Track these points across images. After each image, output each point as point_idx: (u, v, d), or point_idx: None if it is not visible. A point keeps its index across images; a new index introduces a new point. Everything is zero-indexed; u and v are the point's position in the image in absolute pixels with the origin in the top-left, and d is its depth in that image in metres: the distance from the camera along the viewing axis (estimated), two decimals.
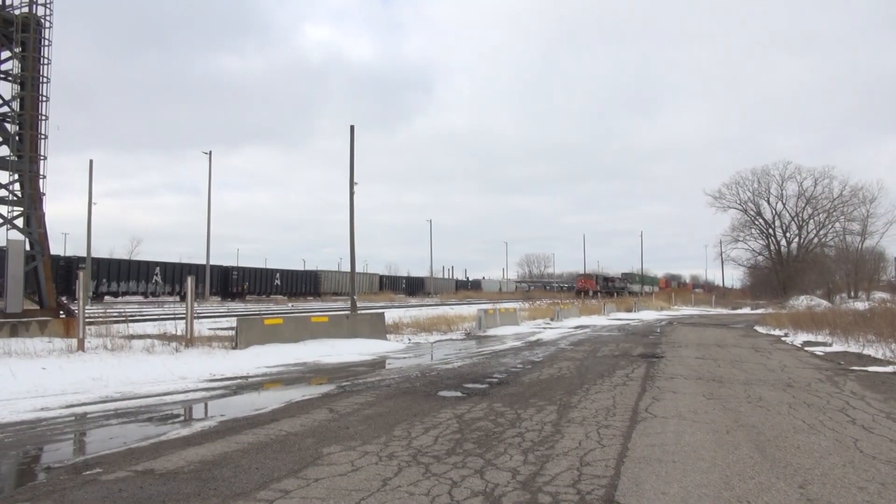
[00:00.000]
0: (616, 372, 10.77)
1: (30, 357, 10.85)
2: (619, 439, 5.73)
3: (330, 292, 65.43)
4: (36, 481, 4.65)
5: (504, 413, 6.95)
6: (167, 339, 13.75)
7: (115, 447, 5.44)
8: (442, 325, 21.81)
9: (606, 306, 38.99)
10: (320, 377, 10.31)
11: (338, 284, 67.90)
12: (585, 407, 7.38)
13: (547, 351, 14.84)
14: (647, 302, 53.20)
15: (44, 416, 6.87)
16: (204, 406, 7.83)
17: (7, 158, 14.12)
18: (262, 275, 58.50)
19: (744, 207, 66.89)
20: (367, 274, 75.86)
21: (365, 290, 68.09)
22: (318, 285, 65.02)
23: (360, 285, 67.30)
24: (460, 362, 12.35)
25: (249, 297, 54.14)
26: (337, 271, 72.00)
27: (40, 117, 14.50)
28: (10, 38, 14.00)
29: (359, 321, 17.11)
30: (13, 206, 14.28)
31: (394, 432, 5.96)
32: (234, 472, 4.65)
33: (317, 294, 63.72)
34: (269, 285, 58.55)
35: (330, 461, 4.94)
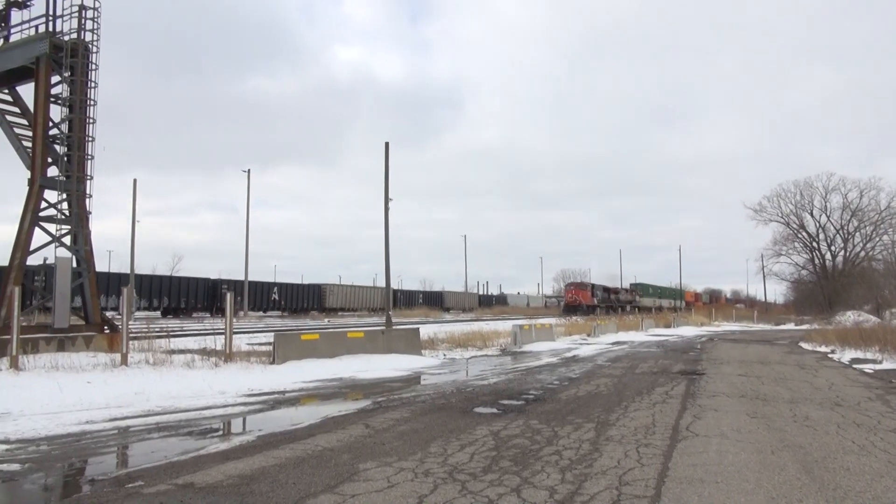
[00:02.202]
0: (655, 389, 10.56)
1: (75, 371, 11.15)
2: (659, 458, 5.60)
3: (336, 308, 60.75)
4: (80, 493, 4.75)
5: (541, 430, 6.86)
6: (207, 354, 13.99)
7: (157, 460, 5.54)
8: (477, 340, 21.72)
9: (644, 322, 38.38)
10: (356, 392, 10.34)
11: (345, 299, 63.01)
12: (624, 425, 7.24)
13: (584, 367, 14.64)
14: (687, 318, 52.19)
15: (88, 429, 7.03)
16: (242, 420, 7.92)
17: (56, 178, 14.63)
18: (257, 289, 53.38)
19: (786, 220, 65.37)
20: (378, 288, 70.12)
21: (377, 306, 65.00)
22: (321, 300, 60.22)
23: (370, 300, 65.45)
24: (496, 378, 12.27)
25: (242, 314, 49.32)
26: (343, 285, 66.33)
27: (87, 139, 15.00)
28: (60, 64, 14.56)
29: (394, 337, 17.15)
30: (61, 224, 14.76)
31: (429, 448, 5.93)
32: (272, 486, 4.68)
33: (321, 310, 58.83)
34: (265, 300, 54.10)
35: (366, 477, 4.93)
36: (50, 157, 14.73)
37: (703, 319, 54.75)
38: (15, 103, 15.47)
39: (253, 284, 52.62)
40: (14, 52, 14.97)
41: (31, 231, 14.23)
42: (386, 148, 23.22)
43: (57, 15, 14.76)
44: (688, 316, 55.13)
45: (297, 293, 58.02)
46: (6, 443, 6.21)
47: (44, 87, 14.53)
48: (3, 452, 5.81)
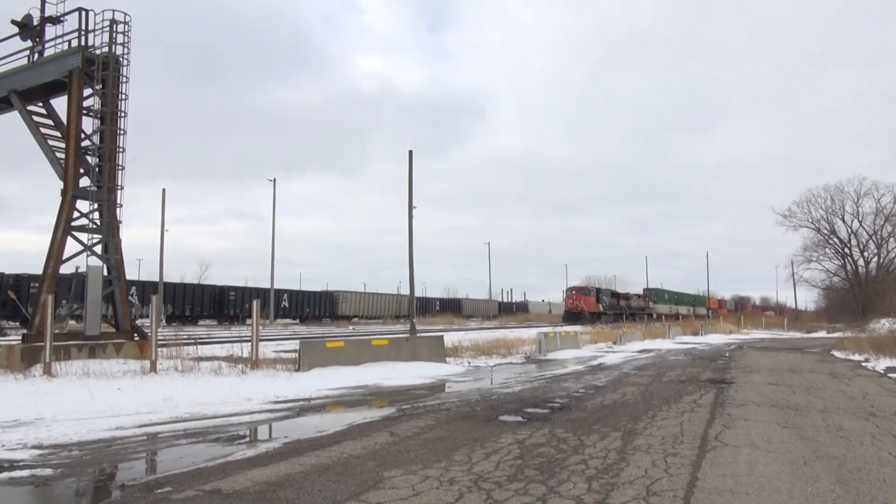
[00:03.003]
0: (683, 398, 10.41)
1: (106, 378, 11.35)
2: (687, 468, 5.52)
3: (349, 315, 59.08)
4: (111, 499, 4.82)
5: (566, 439, 6.80)
6: (234, 361, 14.15)
7: (185, 467, 5.60)
8: (501, 348, 21.64)
9: (671, 329, 37.90)
10: (381, 400, 10.36)
11: (358, 307, 61.23)
12: (651, 434, 7.15)
13: (610, 375, 14.50)
14: (714, 325, 51.35)
15: (118, 434, 7.14)
16: (268, 427, 7.98)
17: (88, 189, 14.95)
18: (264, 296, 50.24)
19: (816, 226, 64.14)
20: (392, 295, 69.32)
21: (392, 313, 63.99)
22: (334, 308, 58.43)
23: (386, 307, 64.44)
24: (520, 386, 12.20)
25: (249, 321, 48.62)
26: (356, 292, 64.15)
27: (118, 149, 15.31)
28: (92, 77, 14.91)
29: (418, 344, 17.17)
30: (93, 233, 15.07)
31: (454, 457, 5.91)
32: (298, 493, 4.70)
33: (334, 317, 57.32)
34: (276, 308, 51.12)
35: (391, 485, 4.93)
36: (82, 167, 15.06)
37: (731, 327, 53.88)
38: (49, 116, 15.86)
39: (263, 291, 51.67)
40: (48, 66, 15.37)
41: (63, 240, 14.55)
42: (410, 156, 23.34)
43: (89, 29, 15.12)
44: (716, 323, 54.22)
45: (309, 300, 56.42)
46: (40, 448, 6.34)
47: (76, 99, 14.88)
48: (37, 457, 5.93)
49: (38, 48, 15.84)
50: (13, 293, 36.38)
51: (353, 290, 63.95)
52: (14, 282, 35.10)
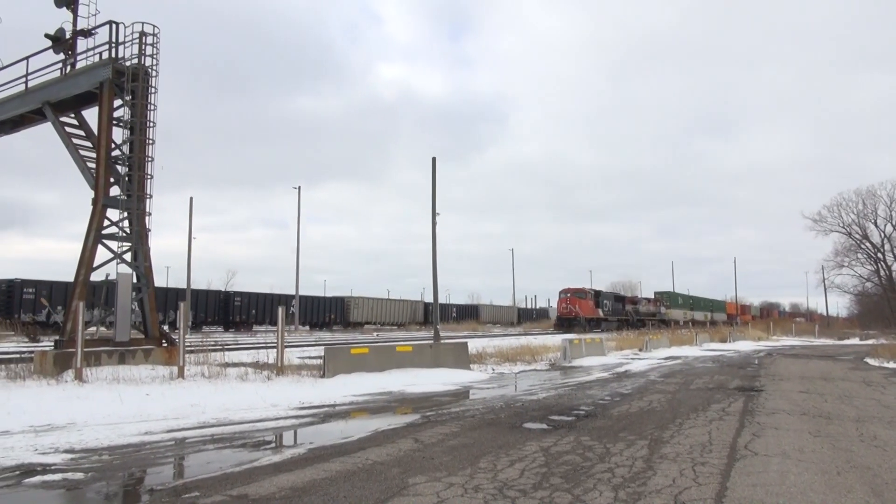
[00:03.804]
0: (711, 406, 10.24)
1: (135, 383, 11.54)
2: (716, 477, 5.42)
3: (361, 322, 58.28)
4: (140, 503, 4.89)
5: (592, 447, 6.73)
6: (259, 367, 14.28)
7: (212, 472, 5.66)
8: (526, 355, 21.52)
9: (699, 336, 37.35)
10: (405, 407, 10.37)
11: (370, 313, 59.96)
12: (679, 442, 7.04)
13: (636, 383, 14.33)
14: (743, 332, 50.50)
15: (147, 439, 7.24)
16: (294, 433, 8.03)
17: (118, 198, 15.24)
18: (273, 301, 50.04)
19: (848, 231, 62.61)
20: (405, 301, 67.58)
21: (407, 320, 63.20)
22: (346, 314, 57.37)
23: (399, 314, 63.65)
24: (545, 393, 12.12)
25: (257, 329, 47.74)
26: (368, 298, 62.38)
27: (147, 159, 15.60)
28: (122, 88, 15.23)
29: (442, 351, 17.15)
30: (122, 241, 15.36)
31: (479, 464, 5.88)
32: (323, 499, 4.72)
33: (345, 324, 56.40)
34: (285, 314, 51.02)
35: (416, 492, 4.93)
36: (112, 177, 15.36)
37: (760, 334, 52.91)
38: (81, 127, 16.23)
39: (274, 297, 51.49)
40: (80, 78, 15.73)
41: (94, 248, 14.85)
42: (433, 163, 23.40)
43: (119, 42, 15.45)
44: (744, 330, 53.30)
45: (320, 306, 55.07)
46: (71, 452, 6.46)
47: (107, 110, 15.20)
48: (69, 461, 6.04)
49: (70, 61, 16.23)
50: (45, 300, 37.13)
51: (365, 296, 62.55)
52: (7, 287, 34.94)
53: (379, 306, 62.12)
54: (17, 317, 33.89)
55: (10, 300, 34.61)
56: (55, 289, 35.60)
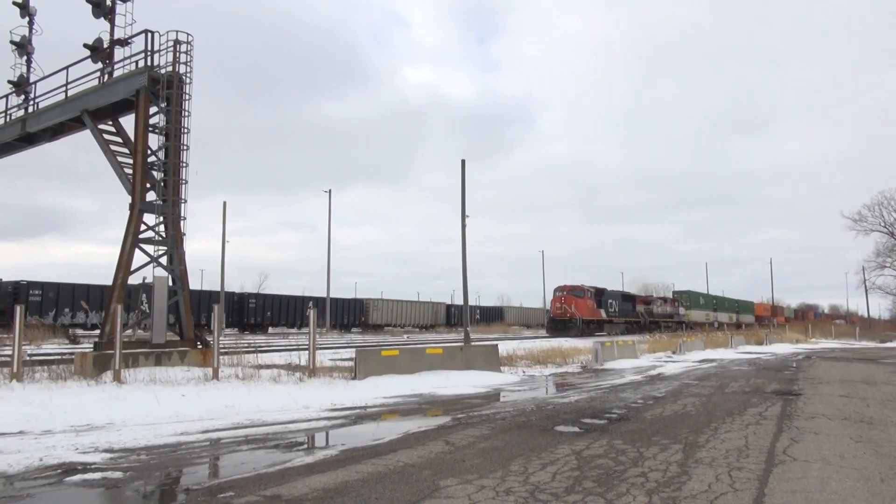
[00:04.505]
0: (748, 410, 10.03)
1: (171, 385, 11.76)
2: (753, 483, 5.30)
3: (380, 324, 57.37)
4: (176, 502, 4.98)
5: (625, 451, 6.64)
6: (292, 369, 14.43)
7: (246, 472, 5.73)
8: (557, 357, 21.37)
9: (734, 338, 36.65)
10: (436, 409, 10.37)
11: (390, 315, 58.96)
12: (714, 447, 6.91)
13: (669, 386, 14.11)
14: (780, 334, 49.39)
15: (183, 440, 7.37)
16: (325, 435, 8.09)
17: (154, 203, 15.58)
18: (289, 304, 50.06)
19: (889, 230, 61.01)
20: (425, 303, 66.25)
21: (429, 322, 62.33)
22: (365, 316, 56.60)
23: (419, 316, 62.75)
24: (577, 396, 12.01)
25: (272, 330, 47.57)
26: (387, 300, 61.53)
27: (181, 164, 15.91)
28: (157, 95, 15.56)
29: (472, 353, 17.13)
30: (158, 245, 15.69)
31: (510, 467, 5.85)
32: (355, 501, 4.74)
33: (364, 326, 55.69)
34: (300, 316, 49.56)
35: (447, 494, 4.92)
36: (148, 182, 15.70)
37: (797, 336, 51.70)
38: (118, 133, 16.62)
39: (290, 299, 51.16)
40: (117, 86, 16.12)
41: (131, 252, 15.19)
42: (462, 166, 23.42)
43: (154, 50, 15.80)
44: (781, 333, 52.09)
45: (337, 308, 53.59)
46: (110, 451, 6.61)
47: (143, 117, 15.54)
48: (108, 461, 6.18)
49: (107, 70, 16.64)
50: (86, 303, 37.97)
51: (383, 298, 61.80)
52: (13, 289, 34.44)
53: (399, 308, 61.00)
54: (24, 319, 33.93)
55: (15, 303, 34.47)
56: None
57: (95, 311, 36.88)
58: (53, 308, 35.35)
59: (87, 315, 37.02)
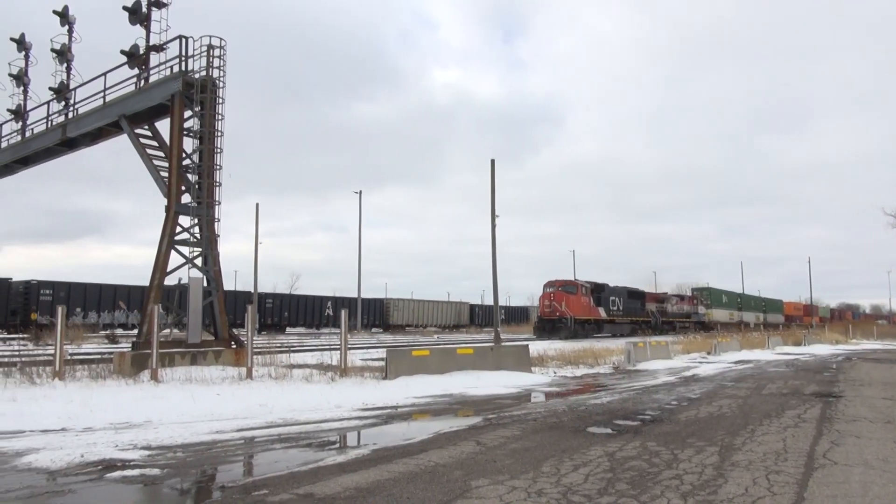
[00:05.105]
0: (786, 412, 9.81)
1: (206, 384, 11.97)
2: (792, 487, 5.18)
3: (401, 324, 56.85)
4: (212, 499, 5.06)
5: (659, 453, 6.55)
6: (323, 368, 14.57)
7: (279, 470, 5.80)
8: (588, 358, 21.19)
9: (771, 339, 35.89)
10: (466, 409, 10.37)
11: (411, 315, 58.39)
12: (751, 450, 6.77)
13: (704, 387, 13.88)
14: (819, 335, 48.21)
15: (218, 438, 7.49)
16: (357, 434, 8.14)
17: (189, 205, 15.87)
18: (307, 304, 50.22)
19: None
20: (448, 303, 65.67)
21: (451, 322, 61.42)
22: (385, 316, 56.17)
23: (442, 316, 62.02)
24: (609, 397, 11.89)
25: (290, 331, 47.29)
26: (408, 300, 60.84)
27: (215, 167, 16.19)
28: (192, 99, 15.86)
29: (503, 353, 17.08)
30: (193, 247, 15.99)
31: (542, 468, 5.82)
32: (387, 500, 4.76)
33: (385, 327, 55.26)
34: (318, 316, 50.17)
35: (478, 494, 4.91)
36: (183, 185, 16.01)
37: (837, 337, 50.39)
38: (154, 137, 16.99)
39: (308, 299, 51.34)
40: (153, 91, 16.48)
41: (168, 254, 15.50)
42: (492, 165, 23.38)
43: (188, 55, 16.10)
44: (820, 333, 50.82)
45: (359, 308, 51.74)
46: (148, 449, 6.75)
47: (178, 121, 15.86)
48: (146, 458, 6.31)
49: (143, 75, 17.02)
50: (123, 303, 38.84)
51: (404, 298, 61.02)
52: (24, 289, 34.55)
53: (420, 308, 60.29)
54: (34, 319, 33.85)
55: (26, 302, 34.26)
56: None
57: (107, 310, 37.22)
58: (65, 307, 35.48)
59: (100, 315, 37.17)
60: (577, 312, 41.60)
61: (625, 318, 47.55)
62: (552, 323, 41.05)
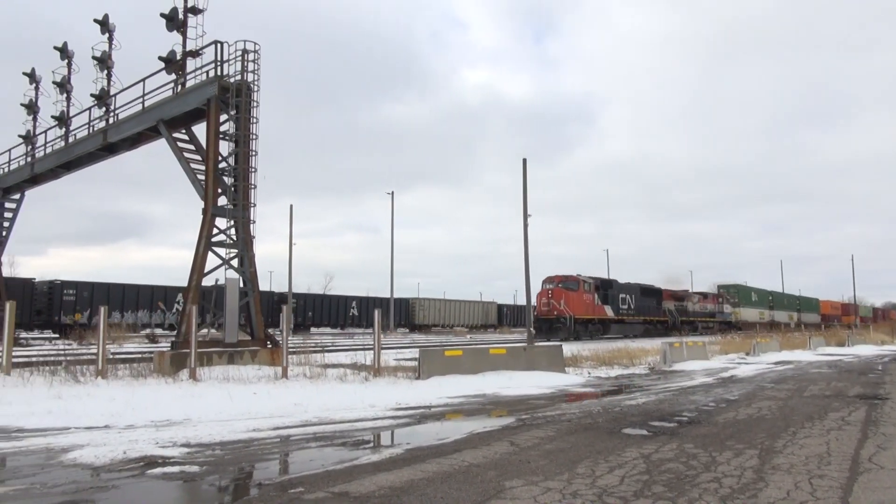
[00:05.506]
0: (828, 414, 9.55)
1: (243, 383, 12.16)
2: (836, 492, 5.04)
3: (427, 324, 56.16)
4: (250, 496, 5.14)
5: (696, 455, 6.43)
6: (357, 368, 14.68)
7: (315, 469, 5.86)
8: (623, 358, 20.94)
9: (813, 339, 34.98)
10: (500, 409, 10.34)
11: (437, 315, 57.58)
12: (792, 453, 6.61)
13: (743, 389, 13.59)
14: (864, 335, 46.83)
15: (255, 436, 7.61)
16: (391, 434, 8.18)
17: (225, 207, 16.16)
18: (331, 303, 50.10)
19: None
20: (475, 303, 64.02)
21: (479, 322, 60.56)
22: (411, 316, 55.48)
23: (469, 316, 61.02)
24: (645, 398, 11.73)
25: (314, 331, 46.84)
26: (434, 300, 60.00)
27: (250, 170, 16.45)
28: (227, 103, 16.14)
29: (536, 353, 16.99)
30: (229, 248, 16.27)
31: (577, 469, 5.77)
32: (421, 500, 4.78)
33: (411, 327, 54.67)
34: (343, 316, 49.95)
35: (513, 495, 4.89)
36: (219, 187, 16.31)
37: (883, 337, 48.85)
38: (191, 141, 17.34)
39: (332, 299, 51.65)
40: (189, 96, 16.82)
41: (205, 255, 15.81)
42: (524, 165, 23.27)
43: (224, 60, 16.40)
44: (865, 333, 49.31)
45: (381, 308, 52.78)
46: (187, 446, 6.89)
47: (214, 125, 16.16)
48: (185, 455, 6.44)
49: (180, 80, 17.39)
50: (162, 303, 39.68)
51: (430, 298, 60.32)
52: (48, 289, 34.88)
53: (446, 308, 59.56)
54: (58, 319, 34.48)
55: (50, 302, 34.63)
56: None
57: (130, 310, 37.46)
58: (88, 308, 35.64)
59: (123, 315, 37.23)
60: (578, 311, 38.15)
61: (636, 317, 44.27)
62: (549, 323, 37.62)
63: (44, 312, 34.74)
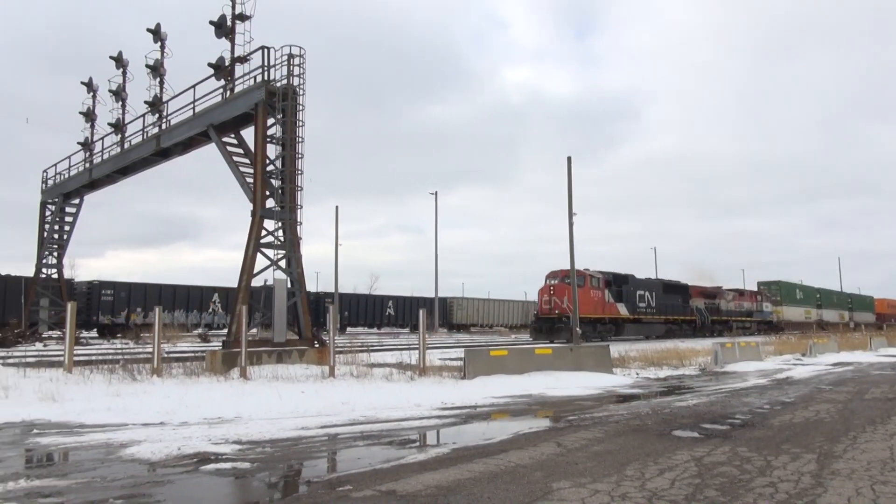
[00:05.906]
0: (892, 418, 9.15)
1: (291, 381, 12.38)
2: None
3: (465, 324, 55.91)
4: (299, 493, 5.22)
5: (751, 459, 6.25)
6: (403, 367, 14.78)
7: (362, 467, 5.92)
8: (672, 359, 20.51)
9: (874, 340, 33.60)
10: (546, 410, 10.25)
11: (475, 314, 57.30)
12: (853, 458, 6.35)
13: (799, 391, 13.15)
14: None
15: (303, 434, 7.73)
16: (437, 433, 8.20)
17: (273, 209, 16.47)
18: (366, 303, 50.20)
19: None
20: (518, 302, 62.76)
21: (518, 322, 59.38)
22: (448, 315, 54.66)
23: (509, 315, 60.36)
24: (695, 400, 11.46)
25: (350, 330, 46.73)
26: (472, 299, 59.76)
27: (297, 172, 16.73)
28: (274, 107, 16.46)
29: (582, 353, 16.78)
30: (277, 249, 16.58)
31: (625, 471, 5.67)
32: (468, 499, 4.77)
33: (449, 326, 54.04)
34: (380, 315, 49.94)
35: (560, 497, 4.84)
36: (267, 190, 16.64)
37: None
38: (239, 145, 17.75)
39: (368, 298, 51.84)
40: (238, 101, 17.21)
41: (254, 257, 16.15)
42: (568, 163, 23.05)
43: (270, 65, 16.73)
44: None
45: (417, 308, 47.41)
46: (238, 443, 7.04)
47: (261, 129, 16.50)
48: (237, 452, 6.59)
49: (229, 86, 17.81)
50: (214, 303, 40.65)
51: (468, 297, 59.98)
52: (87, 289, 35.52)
53: (485, 307, 59.07)
54: (96, 318, 35.22)
55: (89, 302, 35.18)
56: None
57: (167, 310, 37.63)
58: (125, 308, 36.44)
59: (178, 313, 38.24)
60: (584, 309, 32.63)
61: (657, 316, 39.78)
62: (551, 322, 34.08)
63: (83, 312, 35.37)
